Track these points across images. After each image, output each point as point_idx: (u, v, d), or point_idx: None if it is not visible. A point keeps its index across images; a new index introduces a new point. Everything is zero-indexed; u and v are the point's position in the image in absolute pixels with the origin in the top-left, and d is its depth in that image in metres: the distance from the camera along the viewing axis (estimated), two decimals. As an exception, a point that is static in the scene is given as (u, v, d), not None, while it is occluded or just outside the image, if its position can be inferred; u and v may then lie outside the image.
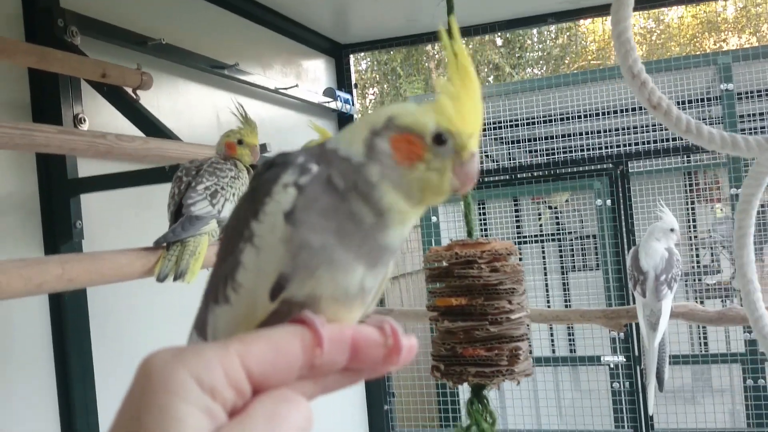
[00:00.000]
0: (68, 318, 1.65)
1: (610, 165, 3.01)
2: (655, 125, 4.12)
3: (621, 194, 2.99)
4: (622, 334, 3.06)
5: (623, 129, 4.13)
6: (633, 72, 0.75)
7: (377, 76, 12.10)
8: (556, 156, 3.69)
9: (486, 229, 3.56)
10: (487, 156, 4.32)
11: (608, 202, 3.11)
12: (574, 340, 3.92)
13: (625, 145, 4.04)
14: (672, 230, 2.01)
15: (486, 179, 3.21)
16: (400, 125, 0.42)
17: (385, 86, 12.08)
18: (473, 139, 0.43)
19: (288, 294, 0.41)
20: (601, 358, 3.18)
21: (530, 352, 1.22)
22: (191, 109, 2.29)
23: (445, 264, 1.24)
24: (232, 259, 0.43)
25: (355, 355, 0.41)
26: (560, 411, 3.74)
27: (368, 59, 12.03)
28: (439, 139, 0.42)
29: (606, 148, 4.03)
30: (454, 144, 0.43)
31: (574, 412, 3.29)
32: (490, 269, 1.20)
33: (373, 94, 12.54)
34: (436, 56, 11.83)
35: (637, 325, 2.91)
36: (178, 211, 1.24)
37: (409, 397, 3.47)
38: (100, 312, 1.79)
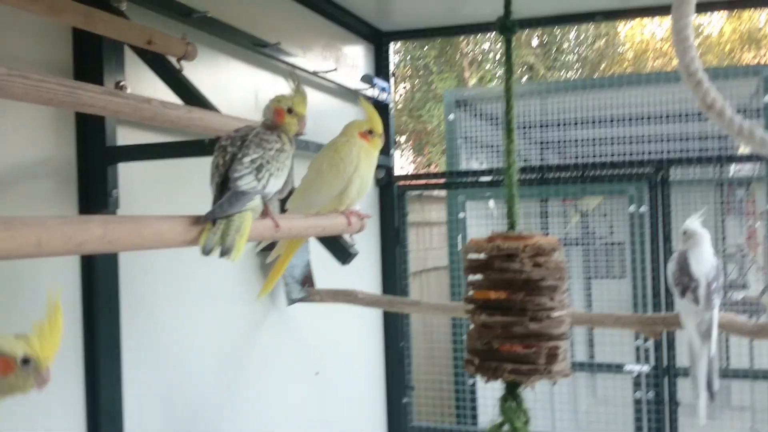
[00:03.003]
0: (98, 284, 1.63)
1: (651, 170, 2.94)
2: (693, 136, 4.04)
3: (660, 201, 2.92)
4: (650, 342, 2.99)
5: (660, 136, 4.05)
6: (690, 70, 0.73)
7: (410, 70, 12.05)
8: (591, 159, 3.62)
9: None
10: (518, 155, 4.24)
11: (642, 208, 3.04)
12: (593, 346, 3.86)
13: (661, 152, 3.97)
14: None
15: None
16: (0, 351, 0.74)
17: (416, 81, 12.04)
18: (51, 359, 0.80)
19: None
20: (623, 367, 3.12)
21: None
22: (230, 86, 2.27)
23: (484, 256, 1.19)
24: None
25: None
26: (576, 417, 3.69)
27: (401, 53, 11.97)
28: (26, 361, 0.76)
29: (640, 154, 3.96)
30: (35, 363, 0.78)
31: (595, 419, 3.24)
32: (532, 264, 1.16)
33: (404, 89, 12.50)
34: (470, 54, 11.75)
35: (669, 333, 2.86)
36: (223, 183, 1.21)
37: (428, 392, 3.46)
38: (130, 282, 1.78)
